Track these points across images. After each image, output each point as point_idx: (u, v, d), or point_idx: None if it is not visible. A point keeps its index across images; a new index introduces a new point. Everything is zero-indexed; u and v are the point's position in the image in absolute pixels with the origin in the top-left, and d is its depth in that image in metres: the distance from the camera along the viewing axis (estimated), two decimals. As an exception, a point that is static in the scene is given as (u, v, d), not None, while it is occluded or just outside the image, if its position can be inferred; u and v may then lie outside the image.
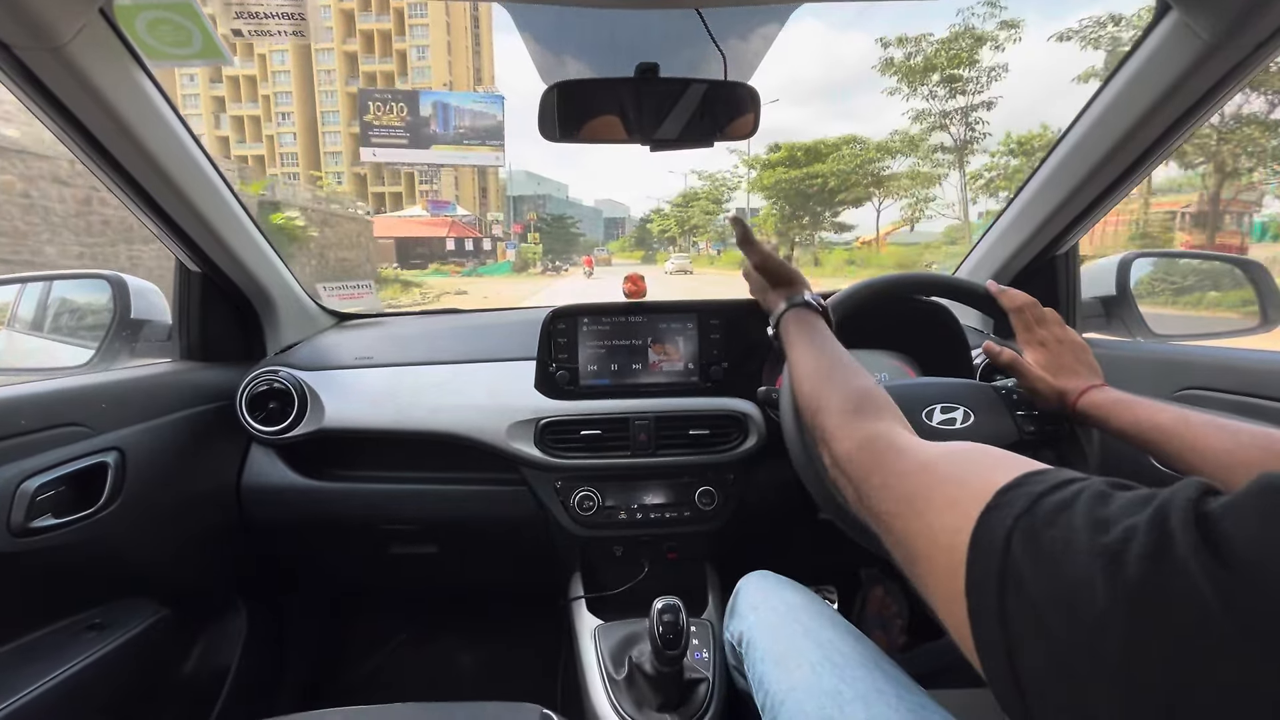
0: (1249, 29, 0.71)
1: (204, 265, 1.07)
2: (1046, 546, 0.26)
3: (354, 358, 1.16)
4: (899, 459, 0.42)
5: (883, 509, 0.40)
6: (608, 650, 0.95)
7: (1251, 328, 1.10)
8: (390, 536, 1.23)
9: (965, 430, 0.77)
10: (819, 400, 0.56)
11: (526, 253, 42.31)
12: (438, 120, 33.92)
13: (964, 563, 0.30)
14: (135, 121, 0.81)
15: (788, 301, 0.76)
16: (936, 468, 0.38)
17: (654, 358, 1.11)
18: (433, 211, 39.18)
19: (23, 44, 0.67)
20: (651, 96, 0.88)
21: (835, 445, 0.49)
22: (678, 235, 56.93)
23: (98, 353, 1.06)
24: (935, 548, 0.33)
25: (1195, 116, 0.85)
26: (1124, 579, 0.23)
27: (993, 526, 0.29)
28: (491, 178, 69.04)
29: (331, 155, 58.14)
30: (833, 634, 0.71)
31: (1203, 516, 0.22)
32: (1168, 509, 0.23)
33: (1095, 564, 0.24)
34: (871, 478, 0.43)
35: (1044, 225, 1.09)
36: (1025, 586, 0.26)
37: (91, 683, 0.86)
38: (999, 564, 0.28)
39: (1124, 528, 0.24)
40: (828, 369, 0.59)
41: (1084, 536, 0.25)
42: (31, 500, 0.76)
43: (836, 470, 0.49)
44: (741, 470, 1.09)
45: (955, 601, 0.30)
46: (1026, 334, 0.78)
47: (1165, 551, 0.22)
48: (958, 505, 0.32)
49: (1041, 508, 0.28)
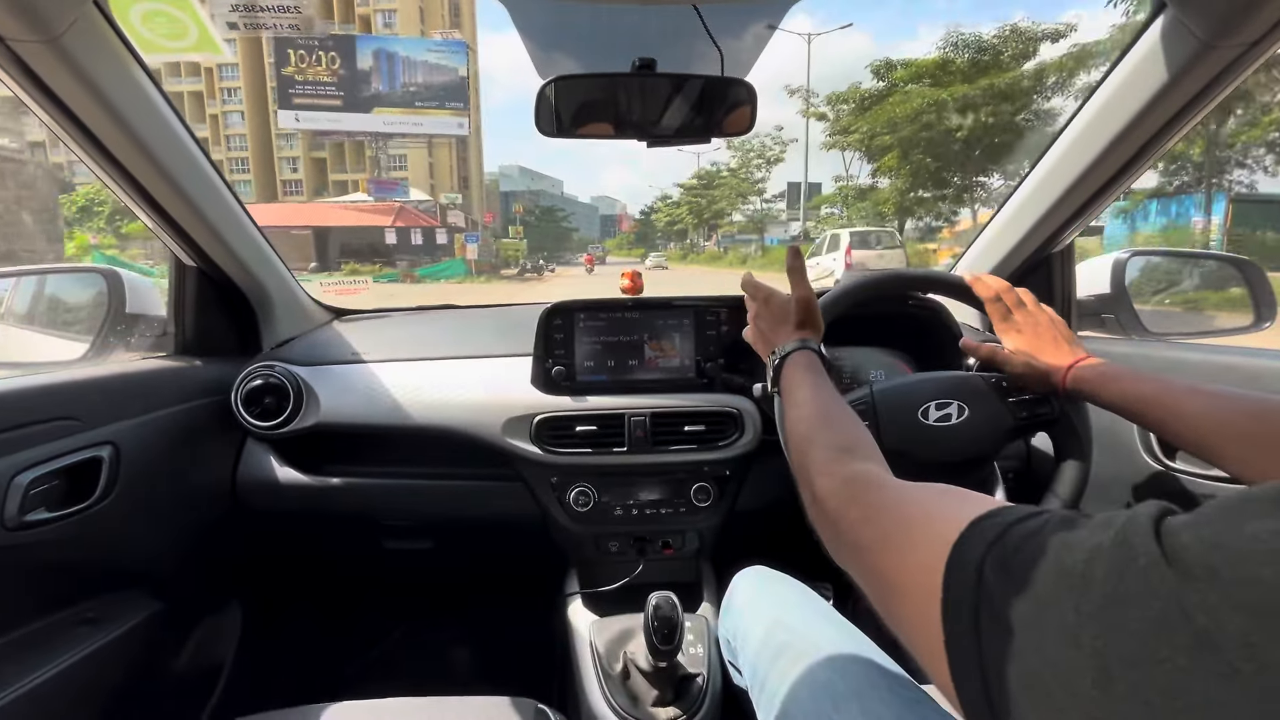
0: (1243, 28, 0.71)
1: (199, 260, 1.07)
2: (1017, 572, 0.27)
3: (350, 353, 1.16)
4: (880, 493, 0.43)
5: (861, 542, 0.41)
6: (603, 645, 0.95)
7: (1245, 326, 1.11)
8: (386, 532, 1.23)
9: (961, 424, 0.78)
10: (811, 437, 0.56)
11: (507, 249, 34.94)
12: (380, 75, 25.71)
13: (940, 588, 0.30)
14: (130, 115, 0.81)
15: (802, 343, 0.72)
16: (914, 502, 0.39)
17: (651, 354, 1.11)
18: (376, 195, 29.43)
19: (16, 36, 0.67)
20: (649, 91, 0.88)
21: (818, 481, 0.49)
22: (692, 227, 46.42)
23: (92, 347, 1.05)
24: (910, 578, 0.34)
25: (1189, 114, 0.85)
26: (1090, 596, 0.23)
27: (966, 555, 0.30)
28: (475, 163, 55.94)
29: (286, 138, 46.03)
30: (827, 629, 0.72)
31: (1163, 532, 0.23)
32: (1129, 527, 0.24)
33: (1062, 584, 0.25)
34: (850, 511, 0.44)
35: (1040, 223, 1.09)
36: (998, 611, 0.27)
37: (86, 677, 0.86)
38: (973, 591, 0.29)
39: (1089, 548, 0.25)
40: (824, 410, 0.59)
41: (1051, 559, 0.26)
42: (25, 494, 0.75)
43: (816, 508, 0.49)
44: (737, 466, 1.09)
45: (930, 629, 0.31)
46: (1003, 323, 0.79)
47: (1128, 566, 0.23)
48: (933, 537, 0.33)
49: (1011, 536, 0.29)
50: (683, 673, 0.87)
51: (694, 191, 43.34)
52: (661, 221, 53.84)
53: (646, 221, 65.14)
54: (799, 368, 0.69)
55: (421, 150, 44.40)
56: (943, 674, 0.30)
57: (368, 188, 30.87)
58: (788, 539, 1.25)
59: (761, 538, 1.23)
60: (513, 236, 43.14)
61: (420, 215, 29.58)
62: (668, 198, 52.08)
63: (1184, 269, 1.50)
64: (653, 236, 65.04)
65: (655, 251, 47.41)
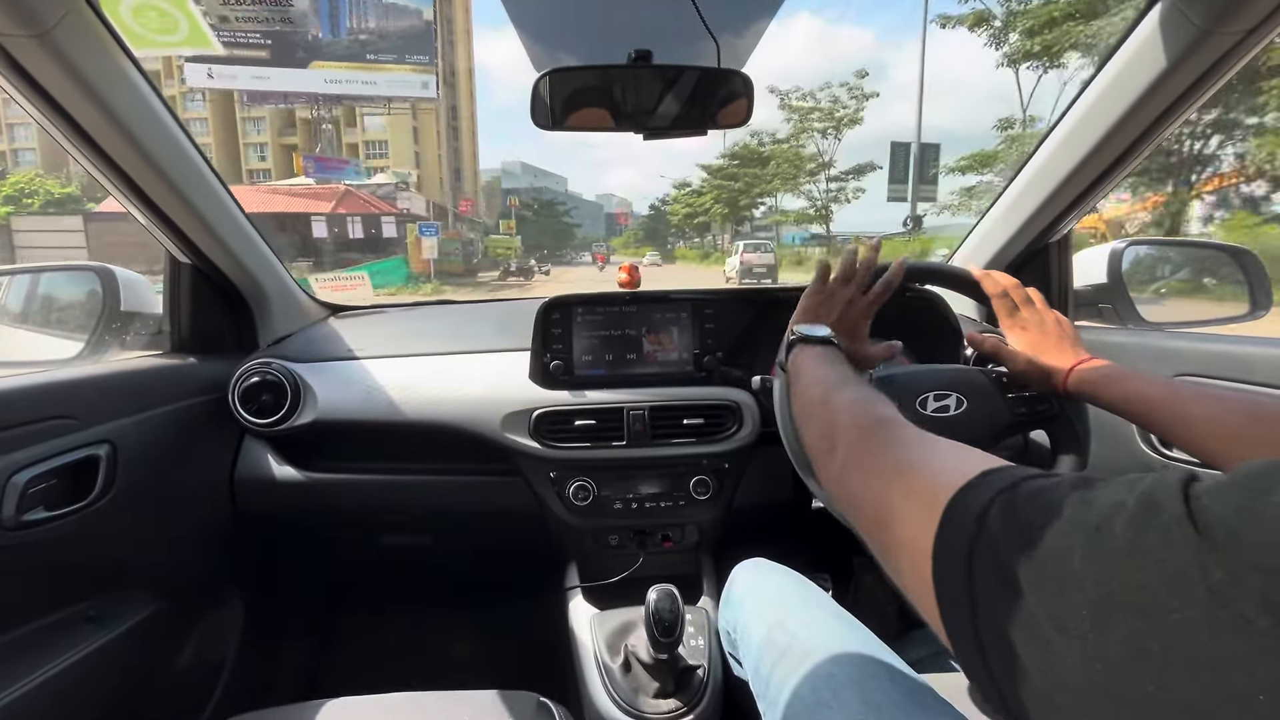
0: (1241, 15, 0.71)
1: (194, 257, 1.06)
2: (1024, 519, 0.27)
3: (347, 349, 1.16)
4: (903, 430, 0.43)
5: (870, 475, 0.41)
6: (604, 638, 0.95)
7: (1241, 315, 1.11)
8: (385, 528, 1.23)
9: (958, 417, 0.78)
10: (839, 390, 0.55)
11: (496, 247, 30.60)
12: (320, 19, 19.24)
13: (936, 527, 0.31)
14: (121, 110, 0.80)
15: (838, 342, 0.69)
16: (932, 447, 0.39)
17: (649, 348, 1.11)
18: (317, 176, 23.52)
19: (5, 31, 0.66)
20: (645, 83, 0.88)
21: (839, 416, 0.49)
22: (720, 219, 35.46)
23: (87, 345, 1.05)
24: (909, 513, 0.34)
25: (1187, 103, 0.85)
26: (1104, 543, 0.23)
27: (970, 499, 0.30)
28: (467, 154, 49.29)
29: (253, 122, 41.01)
30: (826, 620, 0.72)
31: (1190, 494, 0.23)
32: (1157, 486, 0.24)
33: (1076, 534, 0.25)
34: (871, 440, 0.43)
35: (1037, 213, 1.09)
36: (997, 552, 0.27)
37: (88, 675, 0.86)
38: (971, 532, 0.29)
39: (1109, 504, 0.25)
40: (844, 378, 0.58)
41: (1066, 511, 0.26)
42: (23, 493, 0.75)
43: (826, 442, 0.49)
44: (736, 460, 1.09)
45: (921, 566, 0.31)
46: (1009, 319, 0.79)
47: (1151, 518, 0.23)
48: (940, 478, 0.33)
49: (1023, 488, 0.29)
50: (683, 665, 0.88)
51: (724, 174, 32.56)
52: (679, 214, 43.05)
53: (658, 215, 55.67)
54: (816, 352, 0.67)
55: (406, 135, 39.21)
56: (932, 610, 0.31)
57: (305, 167, 24.36)
58: (787, 531, 1.26)
59: (761, 530, 1.23)
60: (504, 232, 36.94)
61: (374, 201, 23.65)
62: (686, 185, 42.91)
63: (1180, 258, 1.50)
64: (664, 233, 55.92)
65: (651, 251, 45.77)
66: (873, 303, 0.77)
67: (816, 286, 0.77)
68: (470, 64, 52.02)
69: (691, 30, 0.88)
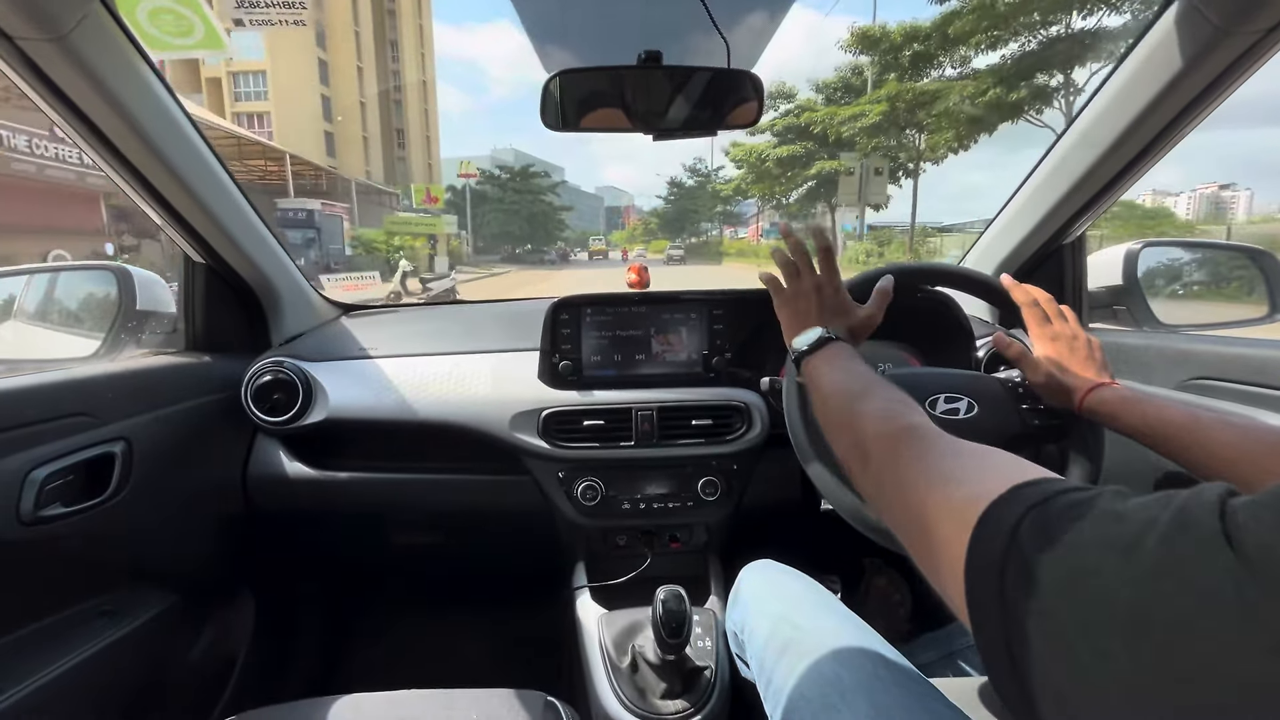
0: (1260, 13, 0.70)
1: (208, 257, 1.07)
2: (1056, 534, 0.27)
3: (358, 348, 1.17)
4: (937, 440, 0.43)
5: (906, 482, 0.41)
6: (611, 639, 0.95)
7: (1260, 317, 1.09)
8: (395, 526, 1.23)
9: (968, 421, 0.77)
10: (863, 399, 0.53)
11: (380, 241, 20.07)
12: None
13: (968, 542, 0.31)
14: (138, 112, 0.81)
15: (835, 333, 0.70)
16: (966, 457, 0.39)
17: (657, 348, 1.11)
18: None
19: (24, 34, 0.67)
20: (655, 85, 0.88)
21: (866, 427, 0.48)
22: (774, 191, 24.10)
23: (104, 343, 1.06)
24: (943, 525, 0.34)
25: (1205, 103, 0.83)
26: (1137, 559, 0.23)
27: (1003, 513, 0.30)
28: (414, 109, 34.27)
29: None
30: (835, 622, 0.71)
31: (1226, 511, 0.23)
32: (1193, 502, 0.24)
33: (1108, 551, 0.24)
34: (903, 451, 0.43)
35: (1051, 214, 1.08)
36: (1029, 567, 0.27)
37: (103, 668, 0.87)
38: (1003, 546, 0.28)
39: (1143, 520, 0.24)
40: (864, 384, 0.57)
41: (1099, 528, 0.26)
42: (40, 489, 0.76)
43: (858, 452, 0.48)
44: (745, 461, 1.09)
45: (956, 575, 0.31)
46: (1039, 329, 0.77)
47: (1184, 533, 0.23)
48: (974, 489, 0.33)
49: (1056, 503, 0.29)
50: (691, 665, 0.88)
51: (749, 158, 23.41)
52: (759, 167, 24.48)
53: (685, 193, 45.00)
54: (829, 352, 0.66)
55: (303, 61, 24.66)
56: (967, 621, 0.31)
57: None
58: (796, 533, 1.25)
59: (769, 531, 1.23)
60: (419, 221, 22.38)
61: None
62: (719, 169, 35.14)
63: (1197, 259, 1.48)
64: (685, 222, 46.75)
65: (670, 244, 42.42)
66: (874, 313, 0.76)
67: (782, 298, 0.78)
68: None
69: (701, 30, 0.88)
